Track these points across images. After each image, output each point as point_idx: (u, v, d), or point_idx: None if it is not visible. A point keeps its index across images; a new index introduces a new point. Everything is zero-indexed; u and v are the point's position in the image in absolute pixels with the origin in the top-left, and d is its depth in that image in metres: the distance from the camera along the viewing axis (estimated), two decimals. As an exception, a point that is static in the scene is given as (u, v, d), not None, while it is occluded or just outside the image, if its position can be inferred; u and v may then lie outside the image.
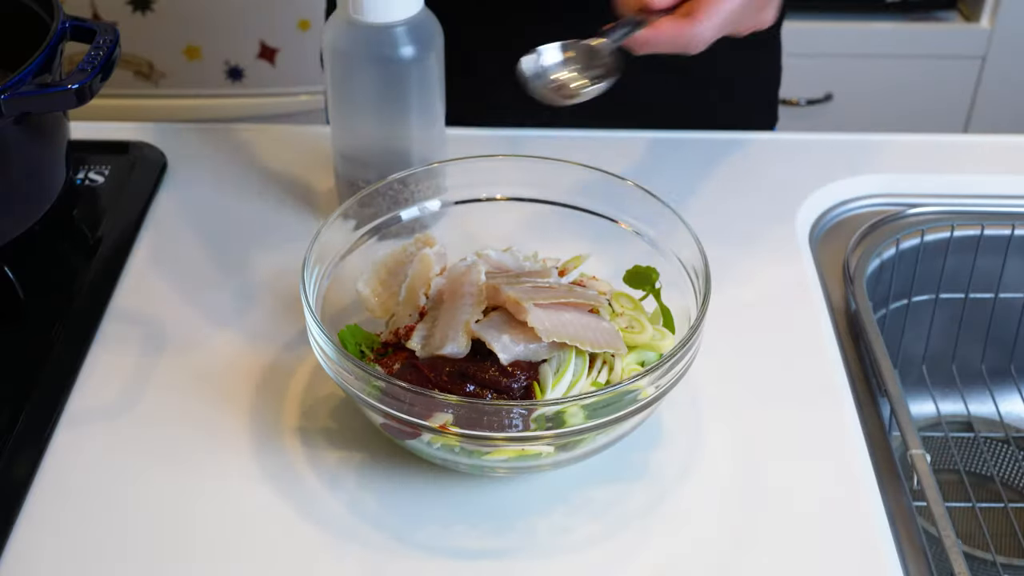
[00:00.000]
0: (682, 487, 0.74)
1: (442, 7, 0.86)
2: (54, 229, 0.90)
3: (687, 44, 0.70)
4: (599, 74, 0.69)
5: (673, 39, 0.70)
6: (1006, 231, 0.97)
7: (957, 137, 1.12)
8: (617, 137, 1.03)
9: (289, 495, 0.72)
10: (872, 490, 0.74)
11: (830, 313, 0.88)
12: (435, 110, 0.88)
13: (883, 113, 2.17)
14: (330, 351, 0.68)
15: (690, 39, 0.70)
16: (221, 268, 0.90)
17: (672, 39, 0.70)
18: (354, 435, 0.76)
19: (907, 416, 0.80)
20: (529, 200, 0.83)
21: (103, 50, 0.80)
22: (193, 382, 0.80)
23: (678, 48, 0.71)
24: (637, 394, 0.67)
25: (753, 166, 1.02)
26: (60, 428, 0.76)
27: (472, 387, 0.69)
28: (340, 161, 0.92)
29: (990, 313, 1.01)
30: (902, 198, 1.01)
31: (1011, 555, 0.93)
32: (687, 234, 0.75)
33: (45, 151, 0.86)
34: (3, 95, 0.75)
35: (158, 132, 1.04)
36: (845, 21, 2.10)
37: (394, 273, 0.80)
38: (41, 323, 0.83)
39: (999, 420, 1.02)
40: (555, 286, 0.74)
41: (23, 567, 0.68)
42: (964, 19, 2.12)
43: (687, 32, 0.70)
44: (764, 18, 0.74)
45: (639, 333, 0.74)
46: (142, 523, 0.71)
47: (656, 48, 0.70)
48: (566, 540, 0.71)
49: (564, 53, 0.69)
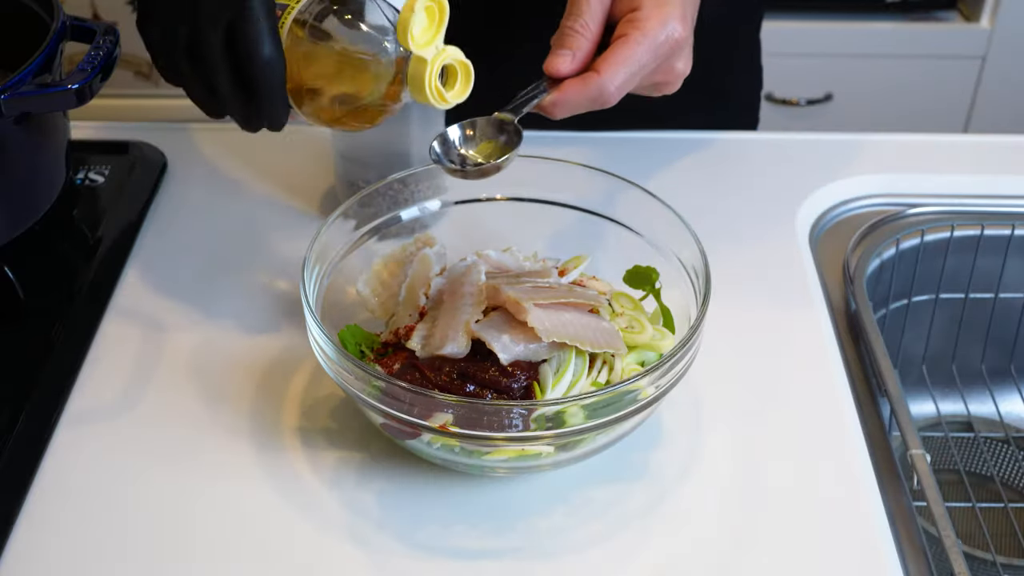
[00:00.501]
0: (682, 487, 0.74)
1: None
2: (54, 229, 0.90)
3: (596, 99, 0.71)
4: (505, 146, 0.71)
5: (582, 96, 0.71)
6: (1006, 231, 0.98)
7: (957, 137, 1.12)
8: (616, 137, 1.03)
9: (289, 495, 0.72)
10: (872, 490, 0.74)
11: (830, 313, 0.88)
12: (435, 109, 0.88)
13: (883, 113, 2.17)
14: (330, 351, 0.68)
15: (598, 94, 0.71)
16: (221, 268, 0.90)
17: (581, 97, 0.71)
18: (354, 435, 0.76)
19: (907, 416, 0.80)
20: (529, 200, 0.83)
21: (103, 50, 0.80)
22: (193, 382, 0.80)
23: (590, 104, 0.72)
24: (637, 394, 0.67)
25: (753, 166, 1.02)
26: (60, 428, 0.76)
27: (472, 387, 0.69)
28: (340, 161, 0.92)
29: (990, 313, 1.01)
30: (902, 198, 1.01)
31: (1011, 555, 0.93)
32: (687, 234, 0.75)
33: (45, 151, 0.86)
34: (3, 95, 0.75)
35: (158, 132, 1.04)
36: (845, 21, 2.10)
37: (394, 273, 0.80)
38: (41, 323, 0.83)
39: (999, 420, 1.02)
40: (555, 286, 0.74)
41: (23, 567, 0.68)
42: (964, 19, 2.12)
43: (593, 87, 0.71)
44: (679, 67, 0.75)
45: (639, 333, 0.74)
46: (142, 523, 0.71)
47: (568, 109, 0.72)
48: (566, 540, 0.71)
49: (468, 131, 0.71)
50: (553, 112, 0.72)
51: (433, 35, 0.67)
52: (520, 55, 0.82)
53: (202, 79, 0.70)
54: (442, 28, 0.67)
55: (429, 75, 0.67)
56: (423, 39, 0.67)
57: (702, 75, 1.10)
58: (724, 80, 1.13)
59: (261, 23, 0.67)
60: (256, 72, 0.68)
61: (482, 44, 0.82)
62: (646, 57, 0.71)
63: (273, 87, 0.69)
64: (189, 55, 0.69)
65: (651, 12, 0.71)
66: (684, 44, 0.73)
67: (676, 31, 0.72)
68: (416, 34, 0.66)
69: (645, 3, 0.72)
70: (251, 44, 0.67)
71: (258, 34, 0.67)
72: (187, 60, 0.70)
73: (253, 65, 0.67)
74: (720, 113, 1.13)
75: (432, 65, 0.67)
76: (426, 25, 0.66)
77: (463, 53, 0.70)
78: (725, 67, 1.13)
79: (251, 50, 0.67)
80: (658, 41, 0.71)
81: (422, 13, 0.65)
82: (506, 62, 0.86)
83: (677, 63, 0.74)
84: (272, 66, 0.68)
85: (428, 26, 0.67)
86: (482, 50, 0.77)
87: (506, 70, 0.80)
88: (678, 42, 0.72)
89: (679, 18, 0.72)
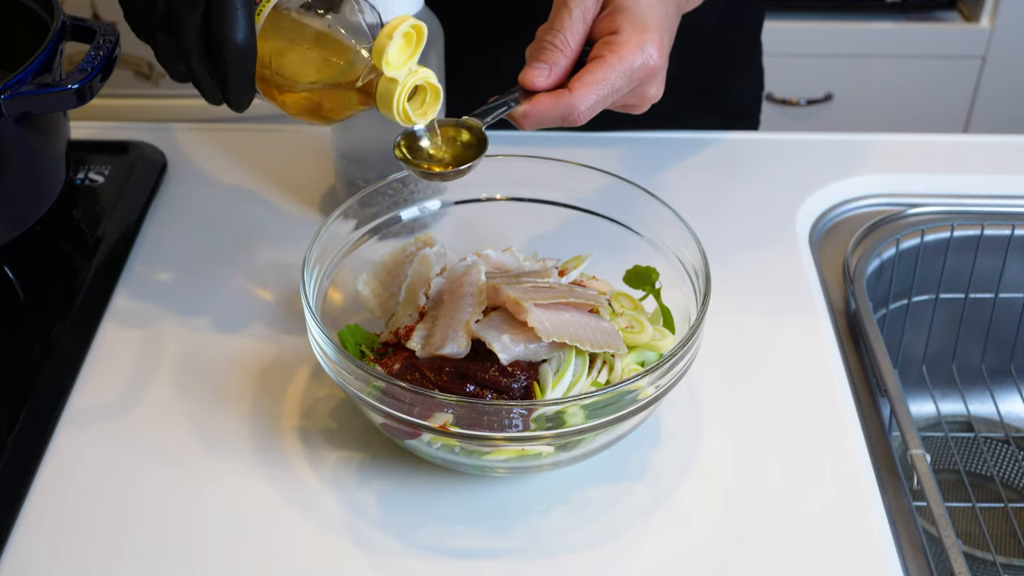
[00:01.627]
0: (682, 487, 0.74)
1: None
2: (54, 229, 0.90)
3: (565, 117, 0.72)
4: (468, 150, 0.72)
5: (552, 112, 0.72)
6: (1006, 231, 0.98)
7: (957, 137, 1.12)
8: (616, 137, 1.03)
9: (289, 495, 0.72)
10: (872, 490, 0.74)
11: (830, 313, 0.88)
12: (435, 110, 0.88)
13: (883, 113, 2.17)
14: (330, 351, 0.68)
15: (568, 111, 0.71)
16: (221, 268, 0.90)
17: (551, 113, 0.72)
18: (354, 435, 0.76)
19: (907, 416, 0.80)
20: (529, 200, 0.83)
21: (103, 50, 0.80)
22: (193, 382, 0.80)
23: (558, 121, 0.72)
24: (637, 394, 0.67)
25: (753, 166, 1.02)
26: (60, 428, 0.76)
27: (472, 387, 0.69)
28: (340, 161, 0.92)
29: (990, 313, 1.01)
30: (902, 198, 1.01)
31: (1011, 555, 0.93)
32: (687, 234, 0.75)
33: (45, 151, 0.86)
34: (3, 95, 0.75)
35: (158, 132, 1.04)
36: (845, 21, 2.10)
37: (394, 273, 0.80)
38: (41, 323, 0.83)
39: (999, 420, 1.02)
40: (555, 286, 0.74)
41: (23, 567, 0.68)
42: (964, 19, 2.12)
43: (563, 104, 0.71)
44: (650, 92, 0.75)
45: (639, 333, 0.74)
46: (142, 523, 0.71)
47: (537, 123, 0.72)
48: (566, 540, 0.71)
49: (437, 132, 0.72)
50: (522, 124, 0.72)
51: (408, 58, 0.68)
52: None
53: (174, 50, 0.71)
54: (418, 51, 0.68)
55: (398, 96, 0.68)
56: (397, 61, 0.67)
57: (703, 76, 1.10)
58: (725, 81, 1.13)
59: (238, 11, 0.67)
60: (227, 57, 0.68)
61: (489, 37, 0.81)
62: (620, 81, 0.72)
63: (242, 74, 0.69)
64: (164, 27, 0.70)
65: (630, 36, 0.72)
66: (659, 71, 0.73)
67: (652, 58, 0.72)
68: (391, 57, 0.67)
69: (625, 27, 0.72)
70: (225, 29, 0.68)
71: (233, 20, 0.68)
72: (162, 32, 0.70)
73: (225, 50, 0.68)
74: (721, 114, 1.13)
75: (402, 87, 0.68)
76: (402, 47, 0.67)
77: (436, 77, 0.70)
78: (726, 68, 1.13)
79: (225, 35, 0.68)
80: (634, 67, 0.71)
81: (400, 39, 0.66)
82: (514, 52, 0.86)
83: (649, 88, 0.74)
84: (243, 53, 0.69)
85: (404, 48, 0.68)
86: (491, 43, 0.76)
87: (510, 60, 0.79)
88: (653, 69, 0.72)
89: (656, 44, 0.72)
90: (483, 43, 1.03)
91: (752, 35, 1.15)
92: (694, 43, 0.93)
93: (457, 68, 0.96)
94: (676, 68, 0.94)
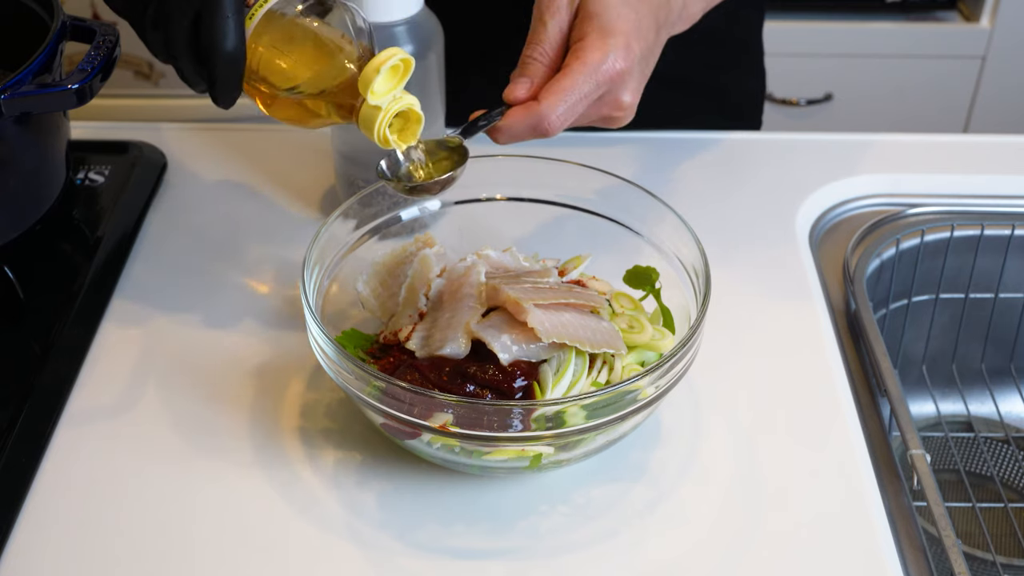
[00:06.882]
0: (682, 487, 0.74)
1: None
2: (54, 229, 0.90)
3: (536, 128, 0.71)
4: (451, 165, 0.73)
5: (523, 125, 0.72)
6: (1006, 231, 0.98)
7: (957, 137, 1.12)
8: (616, 137, 1.03)
9: (289, 495, 0.73)
10: (872, 490, 0.74)
11: (830, 313, 0.88)
12: (435, 109, 0.88)
13: (883, 113, 2.17)
14: (330, 351, 0.68)
15: (538, 121, 0.71)
16: (221, 268, 0.90)
17: (521, 123, 0.72)
18: (354, 435, 0.76)
19: (907, 416, 0.80)
20: (529, 200, 0.83)
21: (103, 50, 0.80)
22: (193, 382, 0.80)
23: (531, 132, 0.72)
24: (637, 394, 0.67)
25: (753, 166, 1.02)
26: (60, 428, 0.76)
27: (472, 387, 0.69)
28: (340, 161, 0.92)
29: (990, 313, 1.01)
30: (902, 198, 1.01)
31: (1011, 555, 0.93)
32: (687, 234, 0.75)
33: (45, 151, 0.86)
34: (3, 95, 0.75)
35: (158, 132, 1.04)
36: (845, 21, 2.10)
37: (394, 273, 0.80)
38: (41, 323, 0.83)
39: (999, 420, 1.02)
40: (555, 286, 0.74)
41: (23, 567, 0.68)
42: (964, 19, 2.12)
43: (533, 115, 0.71)
44: (624, 99, 0.75)
45: (639, 333, 0.74)
46: (142, 523, 0.71)
47: (510, 136, 0.72)
48: (566, 540, 0.71)
49: (416, 150, 0.73)
50: (496, 138, 0.73)
51: (393, 86, 0.69)
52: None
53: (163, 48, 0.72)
54: (404, 80, 0.69)
55: (380, 122, 0.69)
56: (382, 90, 0.68)
57: (705, 76, 1.10)
58: (727, 81, 1.13)
59: (228, 19, 0.68)
60: (216, 62, 0.69)
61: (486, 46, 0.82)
62: (587, 86, 0.71)
63: (230, 79, 0.70)
64: (155, 26, 0.71)
65: (594, 42, 0.72)
66: (626, 76, 0.73)
67: (617, 63, 0.72)
68: (376, 86, 0.68)
69: (590, 33, 0.72)
70: (215, 36, 0.68)
71: (224, 27, 0.68)
72: (153, 31, 0.71)
73: (214, 55, 0.69)
74: (722, 114, 1.13)
75: (385, 113, 0.69)
76: (388, 77, 0.68)
77: (419, 103, 0.71)
78: (727, 68, 1.13)
79: (215, 42, 0.68)
80: (598, 72, 0.71)
81: (387, 71, 0.67)
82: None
83: (623, 95, 0.74)
84: (232, 60, 0.69)
85: (390, 78, 0.69)
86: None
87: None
88: (620, 73, 0.72)
89: (622, 48, 0.72)
90: (483, 43, 1.03)
91: (753, 35, 1.15)
92: (695, 43, 0.93)
93: (457, 68, 0.96)
94: (676, 68, 0.94)
